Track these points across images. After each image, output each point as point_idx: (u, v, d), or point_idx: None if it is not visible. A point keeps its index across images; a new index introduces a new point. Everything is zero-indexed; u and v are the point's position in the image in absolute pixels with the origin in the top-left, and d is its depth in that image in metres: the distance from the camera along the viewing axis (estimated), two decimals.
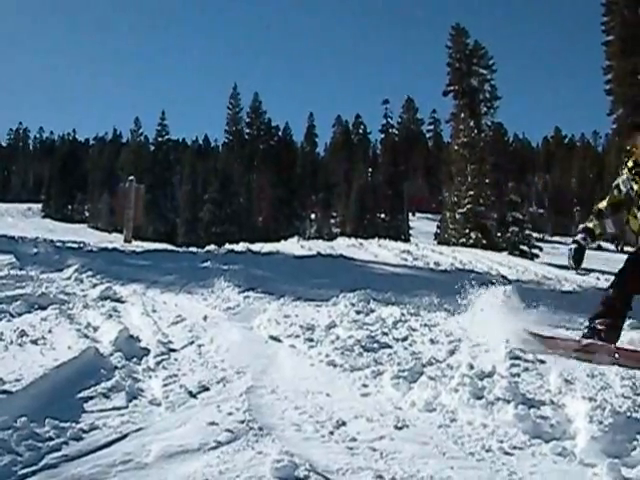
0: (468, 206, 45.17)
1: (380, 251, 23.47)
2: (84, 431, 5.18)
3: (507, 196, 50.28)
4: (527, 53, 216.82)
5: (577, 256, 8.62)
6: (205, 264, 15.83)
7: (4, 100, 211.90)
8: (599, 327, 8.26)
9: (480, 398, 5.95)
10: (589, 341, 8.05)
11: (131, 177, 38.29)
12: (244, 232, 65.05)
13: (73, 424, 5.26)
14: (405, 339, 9.02)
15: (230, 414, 5.65)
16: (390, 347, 8.45)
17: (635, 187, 8.13)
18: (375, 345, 8.36)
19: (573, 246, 8.68)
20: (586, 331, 8.37)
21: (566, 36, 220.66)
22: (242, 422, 5.42)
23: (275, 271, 15.60)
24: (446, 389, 6.24)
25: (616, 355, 7.54)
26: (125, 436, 5.16)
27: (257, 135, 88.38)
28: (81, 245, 23.82)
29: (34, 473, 4.42)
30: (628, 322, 10.47)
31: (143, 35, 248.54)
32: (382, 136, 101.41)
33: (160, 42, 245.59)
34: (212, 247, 24.36)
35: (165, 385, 6.53)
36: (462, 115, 49.53)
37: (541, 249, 51.02)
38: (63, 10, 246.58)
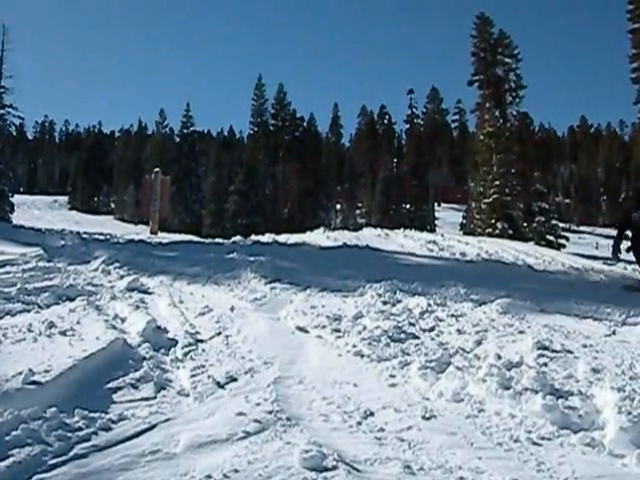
0: (494, 196, 44.79)
1: (406, 242, 23.28)
2: (113, 421, 5.22)
3: (533, 186, 49.87)
4: (552, 42, 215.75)
5: None
6: (231, 255, 15.80)
7: (30, 93, 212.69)
8: None
9: (508, 388, 5.96)
10: None
11: (157, 169, 38.32)
12: (270, 223, 65.01)
13: (102, 414, 5.30)
14: (432, 329, 9.02)
15: (258, 404, 5.68)
16: (417, 337, 8.46)
17: None
18: (402, 335, 8.36)
19: None
20: None
21: (592, 24, 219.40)
22: (270, 412, 5.45)
23: (301, 262, 15.56)
24: (474, 379, 6.24)
25: None
26: (154, 426, 5.20)
27: (282, 126, 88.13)
28: (107, 237, 23.90)
29: (64, 463, 4.46)
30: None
31: (167, 26, 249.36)
32: (407, 126, 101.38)
33: (185, 33, 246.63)
34: (238, 238, 24.28)
35: (193, 376, 6.57)
36: (487, 105, 49.09)
37: (568, 239, 50.63)
38: (87, 2, 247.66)
